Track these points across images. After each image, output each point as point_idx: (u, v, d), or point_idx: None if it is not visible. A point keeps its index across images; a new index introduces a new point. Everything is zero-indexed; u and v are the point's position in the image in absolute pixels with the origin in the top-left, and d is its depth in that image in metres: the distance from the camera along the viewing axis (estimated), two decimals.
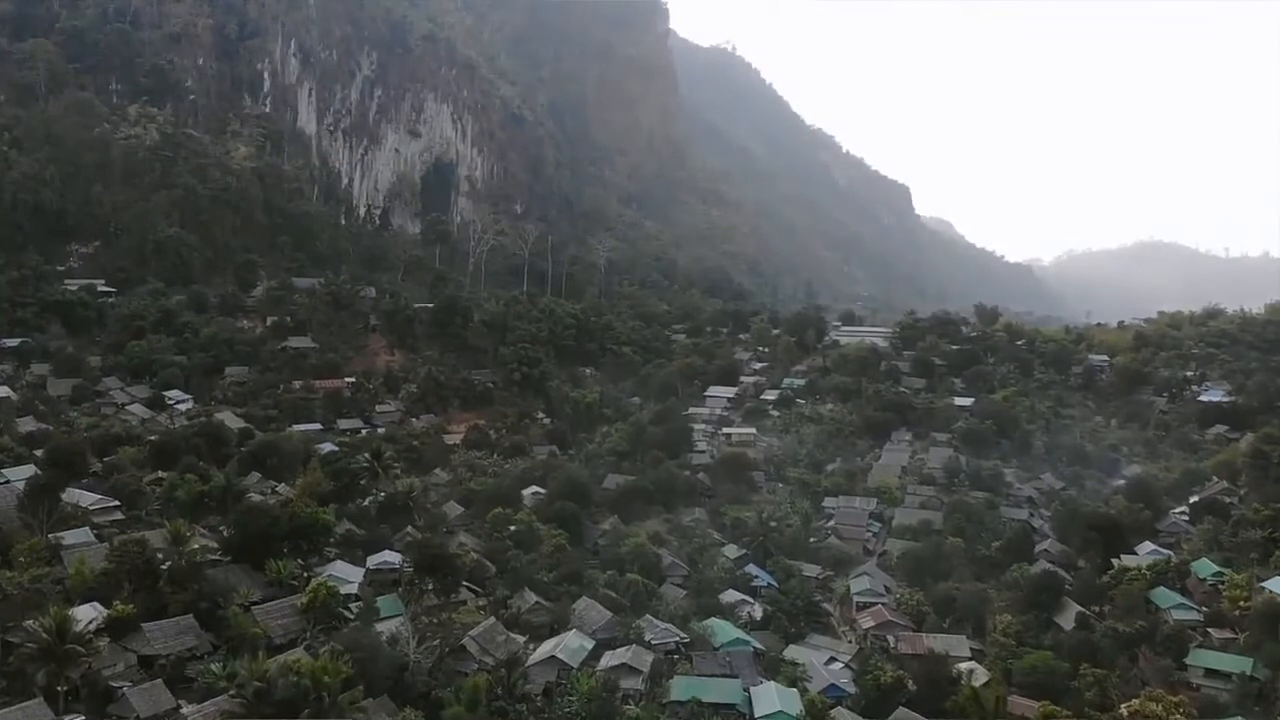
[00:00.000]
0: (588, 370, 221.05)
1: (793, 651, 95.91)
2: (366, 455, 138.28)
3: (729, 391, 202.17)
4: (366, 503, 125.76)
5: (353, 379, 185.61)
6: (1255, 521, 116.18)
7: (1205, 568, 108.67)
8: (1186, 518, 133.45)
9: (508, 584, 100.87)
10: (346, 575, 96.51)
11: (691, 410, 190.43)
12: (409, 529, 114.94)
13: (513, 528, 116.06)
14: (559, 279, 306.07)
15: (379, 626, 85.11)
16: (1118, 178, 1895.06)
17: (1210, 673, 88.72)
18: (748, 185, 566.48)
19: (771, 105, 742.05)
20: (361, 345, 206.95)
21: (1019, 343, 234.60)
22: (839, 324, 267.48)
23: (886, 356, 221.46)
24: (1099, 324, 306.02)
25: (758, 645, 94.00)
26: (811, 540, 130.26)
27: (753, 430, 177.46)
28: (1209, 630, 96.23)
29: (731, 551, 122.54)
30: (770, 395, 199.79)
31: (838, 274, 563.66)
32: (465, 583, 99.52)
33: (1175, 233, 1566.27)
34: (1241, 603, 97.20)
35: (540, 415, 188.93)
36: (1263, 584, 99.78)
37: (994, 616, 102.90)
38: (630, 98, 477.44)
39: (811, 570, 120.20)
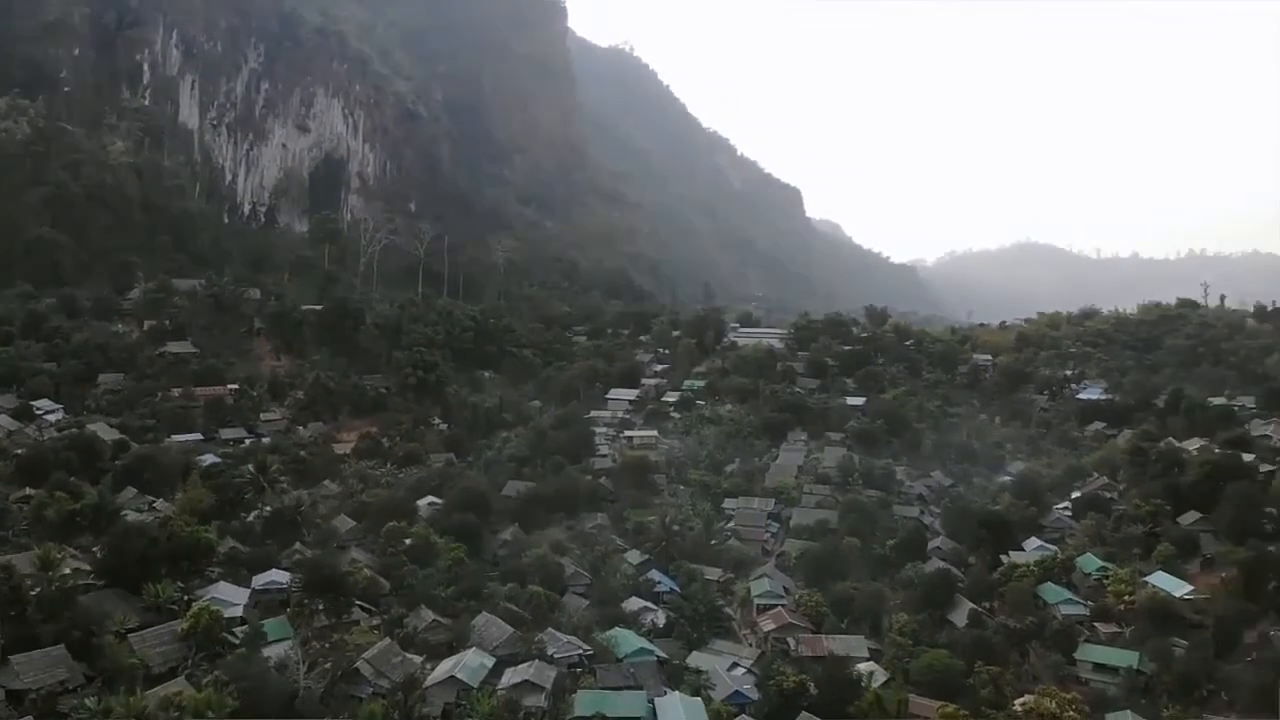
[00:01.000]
0: (487, 374, 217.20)
1: (696, 659, 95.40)
2: (251, 467, 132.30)
3: (631, 394, 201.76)
4: (251, 518, 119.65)
5: (236, 386, 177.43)
6: (1136, 517, 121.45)
7: (1090, 563, 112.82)
8: (1070, 513, 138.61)
9: (403, 601, 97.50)
10: (230, 597, 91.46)
11: (593, 413, 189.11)
12: (297, 546, 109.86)
13: (408, 541, 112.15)
14: (456, 280, 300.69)
15: (266, 652, 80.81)
16: (997, 181, 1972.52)
17: (1099, 667, 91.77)
18: (647, 187, 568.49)
19: (669, 107, 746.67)
20: (245, 350, 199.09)
21: (907, 343, 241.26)
22: (737, 325, 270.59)
23: (782, 357, 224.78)
24: (983, 324, 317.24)
25: (661, 654, 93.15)
26: (713, 542, 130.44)
27: (654, 433, 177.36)
28: (1095, 625, 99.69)
29: (634, 557, 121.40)
30: (671, 397, 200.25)
31: (734, 275, 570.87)
32: (358, 602, 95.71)
33: (1050, 235, 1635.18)
34: (1126, 597, 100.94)
35: (437, 421, 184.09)
36: (1145, 578, 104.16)
37: (890, 615, 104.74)
38: (529, 96, 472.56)
39: (713, 573, 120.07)
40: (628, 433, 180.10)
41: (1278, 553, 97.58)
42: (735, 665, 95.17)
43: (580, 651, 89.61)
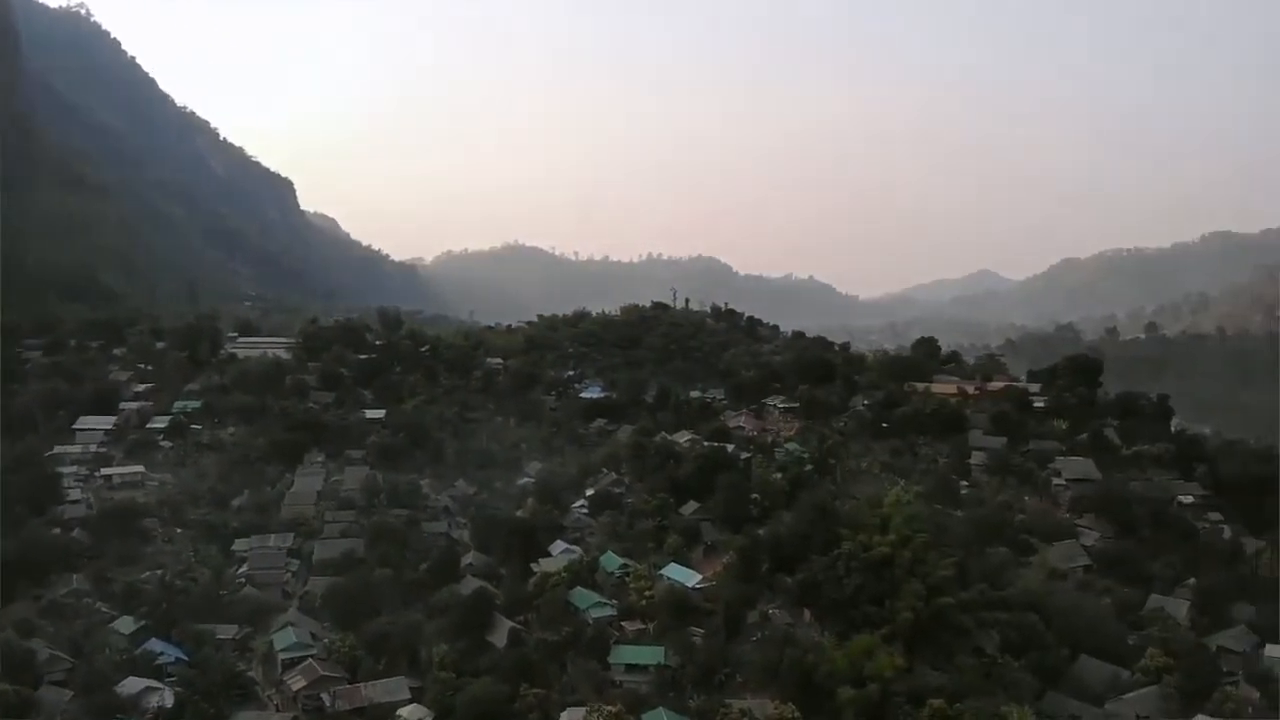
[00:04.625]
0: None
1: None
2: None
3: (106, 422, 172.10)
4: None
5: None
6: (645, 511, 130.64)
7: (611, 561, 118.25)
8: (586, 511, 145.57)
9: None
10: None
11: (58, 449, 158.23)
12: None
13: None
14: None
15: None
16: (484, 183, 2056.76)
17: (630, 667, 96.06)
18: (113, 169, 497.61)
19: (136, 82, 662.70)
20: None
21: (423, 349, 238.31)
22: (236, 334, 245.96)
23: (291, 369, 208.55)
24: (492, 326, 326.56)
25: None
26: (223, 594, 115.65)
27: (140, 468, 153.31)
28: (623, 624, 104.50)
29: (127, 626, 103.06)
30: (160, 422, 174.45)
31: (223, 272, 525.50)
32: None
33: (535, 238, 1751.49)
34: (646, 593, 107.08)
35: None
36: (661, 572, 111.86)
37: (429, 647, 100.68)
38: None
39: (228, 631, 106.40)
40: (106, 470, 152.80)
41: (766, 536, 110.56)
42: None
43: None
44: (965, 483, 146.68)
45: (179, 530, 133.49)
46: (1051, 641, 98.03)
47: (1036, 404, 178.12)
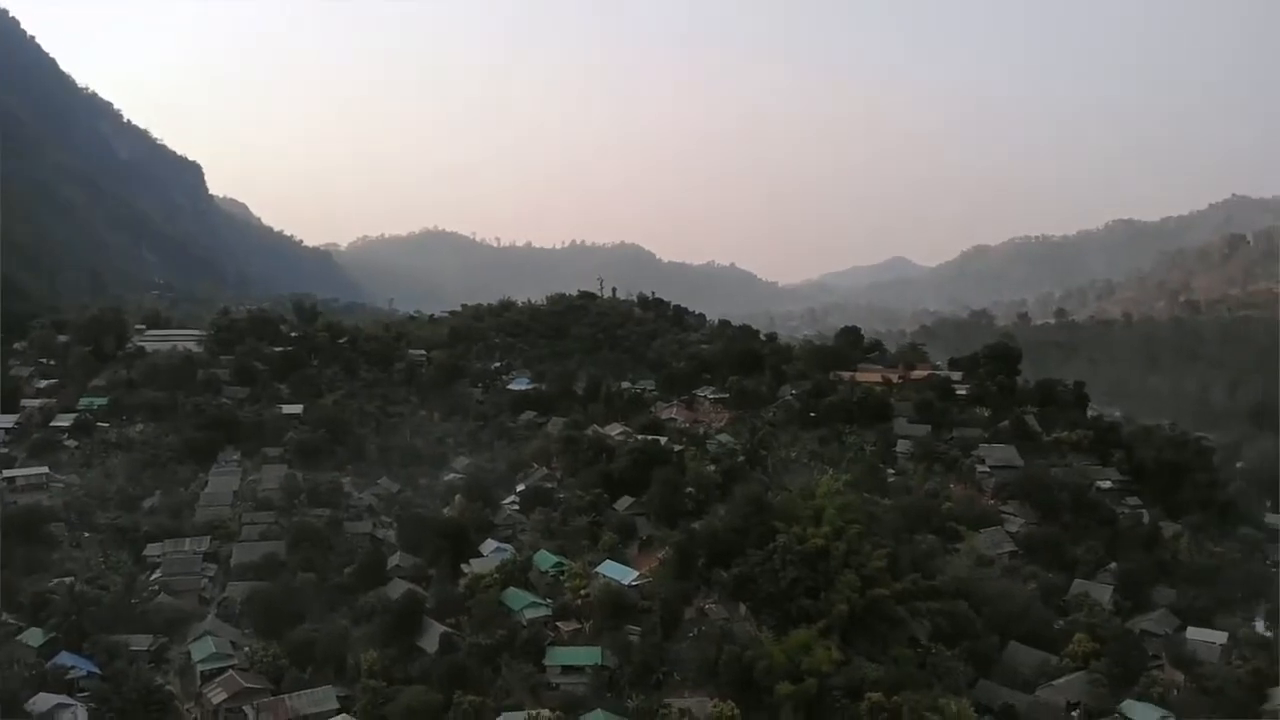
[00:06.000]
0: None
1: None
2: None
3: (7, 420, 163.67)
4: None
5: None
6: (579, 507, 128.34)
7: (545, 559, 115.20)
8: (518, 508, 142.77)
9: None
10: None
11: None
12: None
13: None
14: None
15: None
16: (400, 168, 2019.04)
17: (567, 669, 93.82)
18: (10, 154, 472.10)
19: (35, 61, 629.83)
20: None
21: (342, 341, 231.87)
22: (144, 326, 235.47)
23: (203, 363, 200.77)
24: (411, 315, 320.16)
25: None
26: (136, 602, 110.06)
27: (45, 469, 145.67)
28: (559, 625, 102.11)
29: (35, 639, 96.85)
30: (64, 421, 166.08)
31: (129, 260, 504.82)
32: None
33: (454, 223, 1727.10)
34: (582, 591, 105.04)
35: None
36: (596, 569, 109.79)
37: (357, 654, 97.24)
38: None
39: (142, 642, 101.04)
40: (8, 472, 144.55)
41: (702, 531, 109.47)
42: None
43: None
44: (892, 471, 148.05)
45: (87, 535, 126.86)
46: (982, 629, 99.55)
47: (959, 391, 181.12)
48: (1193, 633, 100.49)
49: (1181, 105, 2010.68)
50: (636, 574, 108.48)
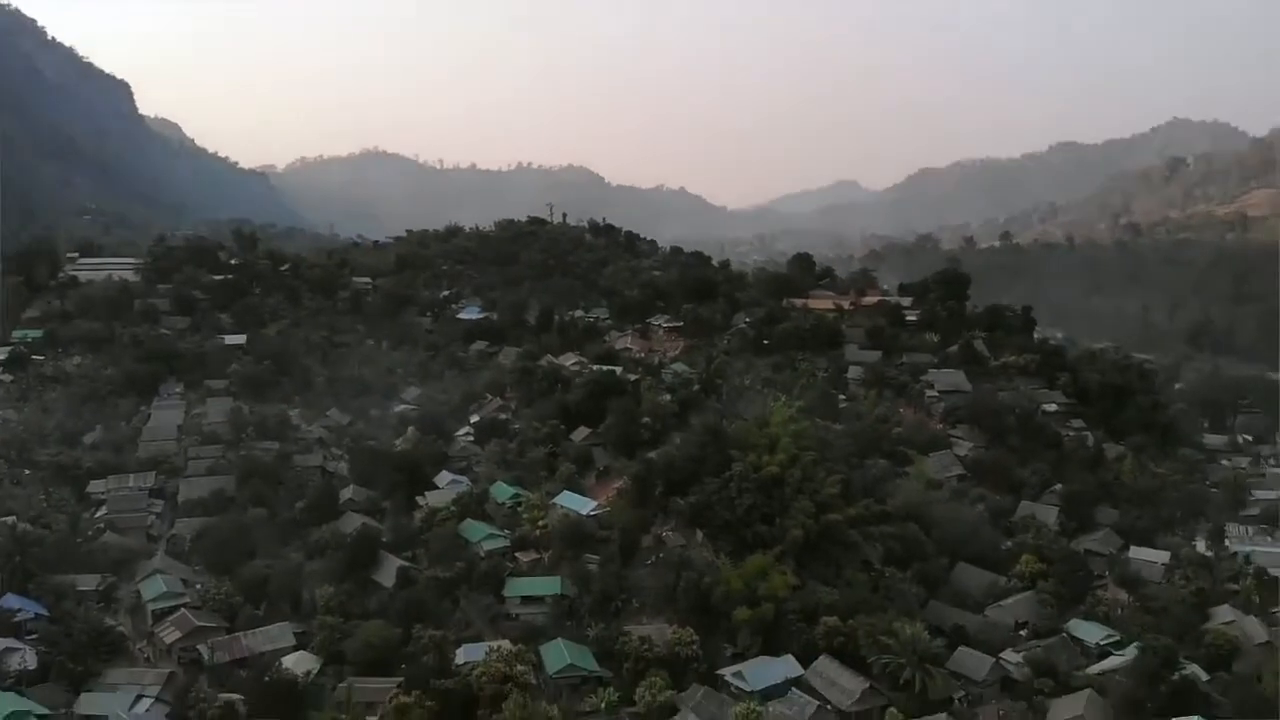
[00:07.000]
0: None
1: (88, 702, 77.65)
2: None
3: None
4: None
5: None
6: (536, 439, 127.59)
7: (503, 491, 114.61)
8: (472, 439, 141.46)
9: None
10: None
11: None
12: None
13: None
14: None
15: None
16: (339, 87, 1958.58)
17: (526, 599, 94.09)
18: None
19: None
20: None
21: (284, 269, 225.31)
22: (77, 255, 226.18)
23: (140, 293, 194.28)
24: (355, 241, 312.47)
25: (40, 709, 73.43)
26: (81, 541, 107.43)
27: None
28: (517, 556, 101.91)
29: None
30: None
31: (58, 185, 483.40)
32: None
33: (397, 144, 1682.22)
34: (540, 523, 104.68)
35: None
36: (554, 500, 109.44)
37: (312, 590, 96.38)
38: None
39: (89, 582, 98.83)
40: None
41: (659, 460, 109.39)
42: (141, 697, 79.18)
43: None
44: (843, 396, 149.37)
45: (27, 472, 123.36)
46: (932, 551, 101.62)
47: (909, 318, 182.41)
48: (1136, 552, 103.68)
49: (1125, 27, 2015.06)
50: (594, 504, 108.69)
